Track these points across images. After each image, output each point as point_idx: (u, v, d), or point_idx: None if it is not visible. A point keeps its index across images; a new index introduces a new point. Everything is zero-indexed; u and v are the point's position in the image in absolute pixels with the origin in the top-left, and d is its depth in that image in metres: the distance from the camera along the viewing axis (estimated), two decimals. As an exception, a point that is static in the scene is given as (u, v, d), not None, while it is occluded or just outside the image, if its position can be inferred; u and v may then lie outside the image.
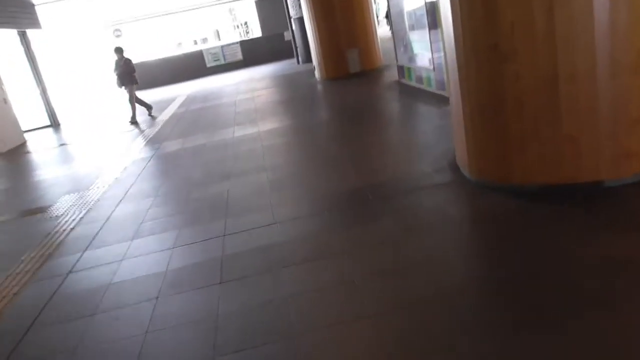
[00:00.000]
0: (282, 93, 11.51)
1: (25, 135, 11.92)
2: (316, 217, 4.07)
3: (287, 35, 21.90)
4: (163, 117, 11.19)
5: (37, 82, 13.07)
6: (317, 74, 12.24)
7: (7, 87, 11.46)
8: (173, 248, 3.96)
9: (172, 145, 7.96)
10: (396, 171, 4.84)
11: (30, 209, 5.93)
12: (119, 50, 11.29)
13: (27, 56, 12.93)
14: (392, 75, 10.24)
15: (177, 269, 3.59)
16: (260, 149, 6.61)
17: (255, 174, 5.55)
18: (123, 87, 11.30)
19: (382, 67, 11.86)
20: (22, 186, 7.51)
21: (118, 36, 22.95)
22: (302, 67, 16.60)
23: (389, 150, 5.69)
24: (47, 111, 13.30)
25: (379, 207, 3.98)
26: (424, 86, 8.27)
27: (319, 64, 11.95)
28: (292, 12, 16.70)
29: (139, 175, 6.48)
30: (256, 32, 23.61)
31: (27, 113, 12.77)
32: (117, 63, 11.20)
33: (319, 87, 11.40)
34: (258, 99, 11.16)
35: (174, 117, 10.89)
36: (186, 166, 6.64)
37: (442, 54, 6.90)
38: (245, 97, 11.73)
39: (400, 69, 9.47)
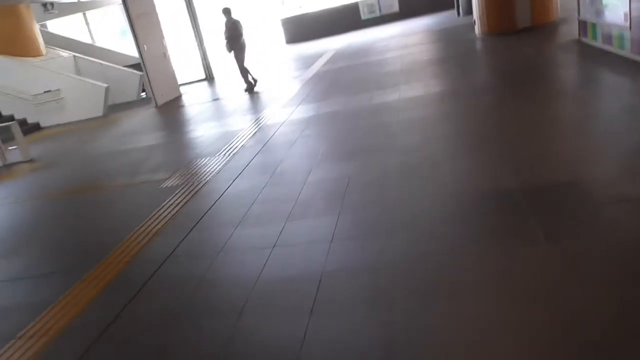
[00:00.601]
0: (435, 51, 10.22)
1: (182, 88, 12.44)
2: (437, 227, 3.14)
3: (451, -15, 19.99)
4: (307, 74, 10.71)
5: (195, 36, 13.48)
6: (477, 28, 10.65)
7: (167, 41, 11.92)
8: (272, 247, 3.37)
9: (304, 111, 7.39)
10: (567, 171, 3.60)
11: (149, 177, 5.85)
12: (226, 12, 10.21)
13: (188, 10, 13.34)
14: (570, 32, 8.35)
15: (266, 282, 2.99)
16: (396, 122, 5.70)
17: (384, 155, 4.70)
18: (233, 52, 10.33)
19: (557, 21, 9.84)
20: (159, 146, 7.61)
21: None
22: (462, 20, 14.82)
23: (559, 137, 4.38)
24: (203, 65, 13.73)
25: (534, 223, 2.90)
26: (613, 48, 6.47)
27: (481, 15, 10.33)
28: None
29: (264, 145, 6.05)
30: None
31: (186, 66, 13.31)
32: (226, 25, 10.23)
33: (478, 44, 9.87)
34: (407, 57, 10.06)
35: (316, 76, 10.33)
36: (313, 138, 6.02)
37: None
38: (394, 55, 10.68)
39: (582, 24, 7.60)
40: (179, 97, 11.69)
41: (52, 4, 11.35)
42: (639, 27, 5.68)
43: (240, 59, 10.31)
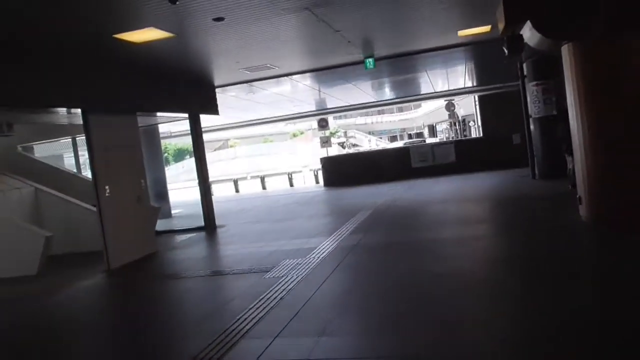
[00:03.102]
0: (517, 249, 6.41)
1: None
2: None
3: (516, 139, 16.83)
4: (321, 250, 7.09)
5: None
6: (582, 209, 6.89)
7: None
8: None
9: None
10: None
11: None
12: None
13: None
14: None
15: None
16: None
17: None
18: None
19: None
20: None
21: (322, 126, 20.73)
22: (540, 184, 11.24)
23: None
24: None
25: None
26: None
27: (589, 190, 6.61)
28: (532, 110, 11.71)
29: None
30: (473, 132, 18.97)
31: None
32: None
33: (591, 245, 6.08)
34: (477, 253, 6.30)
35: (330, 257, 6.68)
36: None
37: None
38: (452, 239, 6.99)
39: None
40: (151, 256, 8.27)
41: (8, 124, 8.72)
42: None
43: None
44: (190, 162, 48.94)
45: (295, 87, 12.80)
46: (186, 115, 10.42)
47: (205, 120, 19.62)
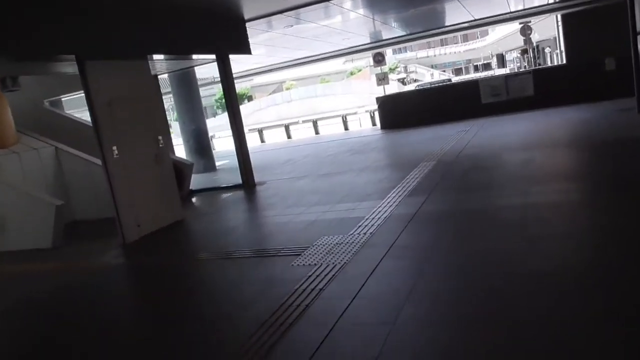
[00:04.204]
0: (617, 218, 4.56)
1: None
2: None
3: (610, 64, 13.98)
4: (369, 222, 5.50)
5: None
6: None
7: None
8: None
9: None
10: None
11: None
12: None
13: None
14: None
15: None
16: None
17: None
18: None
19: None
20: None
21: (379, 62, 18.55)
22: (652, 121, 8.89)
23: None
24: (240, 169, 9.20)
25: None
26: None
27: None
28: (642, 25, 9.12)
29: None
30: (556, 58, 16.12)
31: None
32: None
33: None
34: (577, 227, 4.48)
35: (380, 233, 5.09)
36: None
37: None
38: (546, 205, 5.17)
39: None
40: (173, 226, 7.08)
41: (13, 78, 7.56)
42: None
43: None
44: (244, 108, 47.86)
45: (336, 13, 10.69)
46: (213, 56, 8.86)
47: (250, 61, 18.06)
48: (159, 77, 9.76)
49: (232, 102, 9.04)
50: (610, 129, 8.94)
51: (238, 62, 16.92)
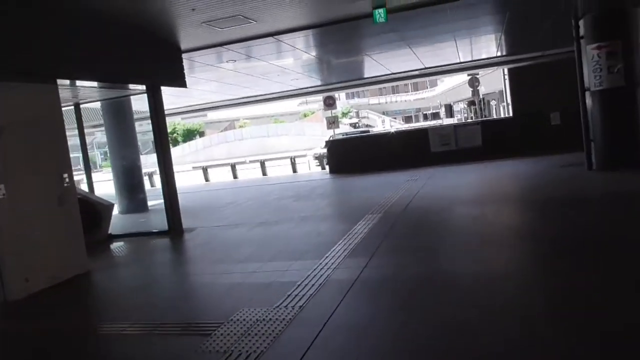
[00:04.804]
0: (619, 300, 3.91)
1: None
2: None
3: (555, 119, 14.12)
4: (301, 289, 4.61)
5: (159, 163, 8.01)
6: None
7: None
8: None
9: None
10: None
11: None
12: None
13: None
14: None
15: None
16: None
17: None
18: None
19: None
20: None
21: (329, 105, 18.15)
22: (601, 177, 8.63)
23: None
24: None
25: None
26: None
27: None
28: (590, 81, 8.97)
29: None
30: (502, 111, 16.24)
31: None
32: None
33: None
34: (547, 305, 3.78)
35: (313, 306, 4.20)
36: None
37: None
38: (507, 275, 4.47)
39: None
40: (73, 281, 5.87)
41: None
42: None
43: None
44: (195, 143, 46.55)
45: (283, 50, 10.02)
46: (143, 87, 7.91)
47: (201, 96, 17.14)
48: (81, 106, 8.67)
49: (161, 138, 8.05)
50: (564, 186, 8.59)
51: (188, 97, 15.98)
